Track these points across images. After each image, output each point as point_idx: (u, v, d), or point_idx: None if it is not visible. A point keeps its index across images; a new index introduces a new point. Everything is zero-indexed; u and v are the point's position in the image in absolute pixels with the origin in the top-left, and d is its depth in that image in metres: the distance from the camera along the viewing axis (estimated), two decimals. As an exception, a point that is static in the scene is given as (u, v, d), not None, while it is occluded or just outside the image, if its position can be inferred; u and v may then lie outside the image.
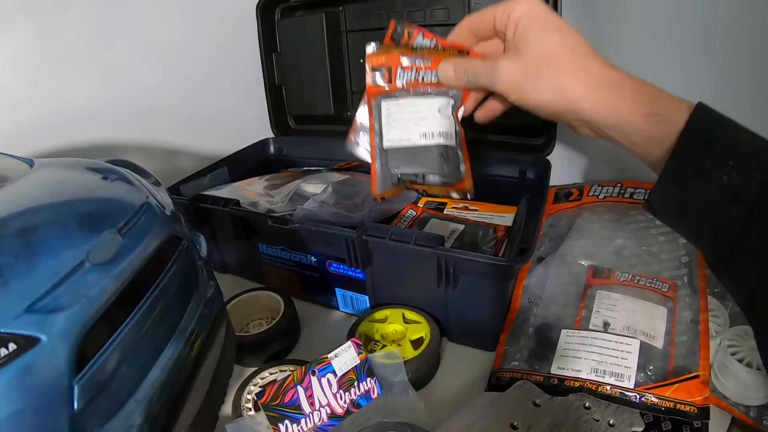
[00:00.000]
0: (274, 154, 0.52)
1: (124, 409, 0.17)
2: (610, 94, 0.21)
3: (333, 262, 0.34)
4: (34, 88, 0.40)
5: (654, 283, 0.30)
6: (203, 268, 0.25)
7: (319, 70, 0.47)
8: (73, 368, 0.15)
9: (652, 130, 0.21)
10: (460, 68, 0.25)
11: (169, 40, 0.46)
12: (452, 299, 0.30)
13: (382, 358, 0.27)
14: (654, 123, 0.21)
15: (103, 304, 0.17)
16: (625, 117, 0.21)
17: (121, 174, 0.23)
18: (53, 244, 0.17)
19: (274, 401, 0.24)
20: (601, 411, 0.25)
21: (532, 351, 0.29)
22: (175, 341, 0.20)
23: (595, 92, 0.22)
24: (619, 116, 0.21)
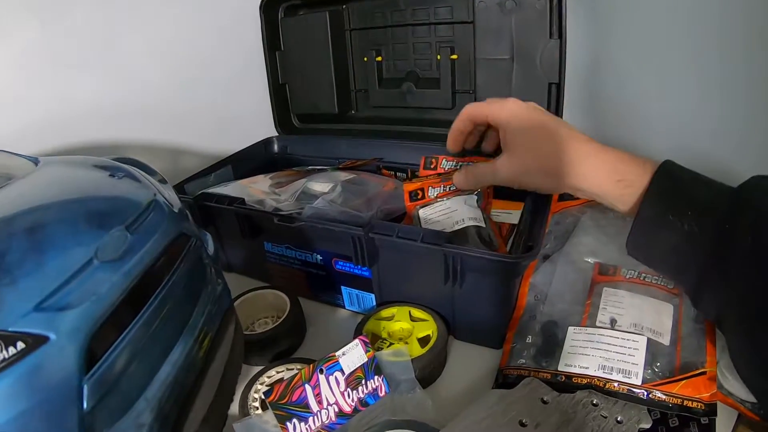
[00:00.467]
0: (278, 152, 0.52)
1: (135, 407, 0.17)
2: (588, 167, 0.27)
3: (339, 260, 0.34)
4: (38, 88, 0.39)
5: (660, 280, 0.30)
6: (211, 266, 0.24)
7: (323, 68, 0.47)
8: (82, 367, 0.15)
9: (621, 193, 0.26)
10: (469, 175, 0.34)
11: (172, 38, 0.46)
12: (459, 297, 0.30)
13: (390, 356, 0.27)
14: (623, 187, 0.26)
15: (112, 302, 0.17)
16: (601, 185, 0.27)
17: (128, 171, 0.23)
18: (61, 241, 0.17)
19: (282, 400, 0.24)
20: (609, 408, 0.25)
21: (538, 348, 0.29)
22: (185, 339, 0.20)
23: (576, 168, 0.27)
24: (595, 185, 0.27)
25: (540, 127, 0.29)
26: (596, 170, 0.27)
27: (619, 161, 0.27)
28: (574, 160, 0.27)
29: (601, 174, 0.27)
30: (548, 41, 0.37)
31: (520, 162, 0.30)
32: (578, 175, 0.27)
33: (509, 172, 0.30)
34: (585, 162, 0.27)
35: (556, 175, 0.28)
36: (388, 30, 0.45)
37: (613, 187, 0.26)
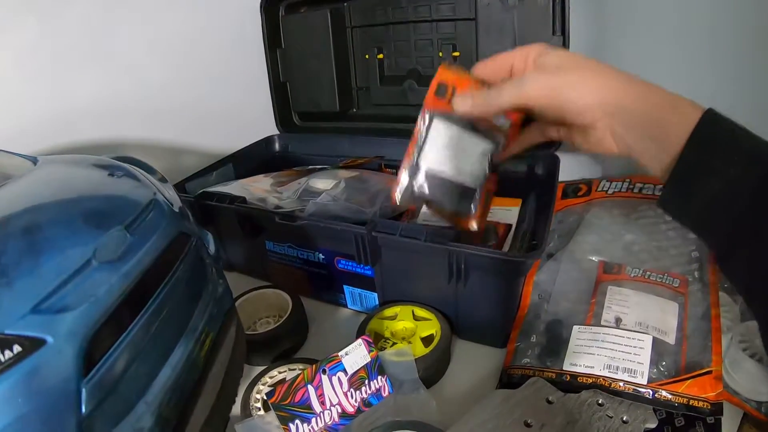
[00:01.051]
0: (279, 150, 0.52)
1: (134, 411, 0.16)
2: (636, 88, 0.22)
3: (341, 259, 0.34)
4: (38, 87, 0.39)
5: (665, 278, 0.30)
6: (212, 266, 0.24)
7: (324, 66, 0.46)
8: (80, 370, 0.15)
9: (673, 122, 0.21)
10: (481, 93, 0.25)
11: (173, 37, 0.45)
12: (463, 296, 0.30)
13: (393, 355, 0.27)
14: (676, 115, 0.21)
15: (111, 303, 0.16)
16: (650, 109, 0.22)
17: (127, 170, 0.23)
18: (59, 242, 0.17)
19: (284, 401, 0.24)
20: (615, 407, 0.25)
21: (543, 347, 0.29)
22: (185, 341, 0.19)
23: (621, 86, 0.22)
24: (644, 108, 0.22)
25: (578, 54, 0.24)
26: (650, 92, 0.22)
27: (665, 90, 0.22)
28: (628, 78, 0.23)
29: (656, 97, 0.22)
30: (551, 38, 0.36)
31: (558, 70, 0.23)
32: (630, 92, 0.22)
33: (543, 79, 0.23)
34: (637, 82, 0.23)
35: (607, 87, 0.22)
36: (390, 27, 0.45)
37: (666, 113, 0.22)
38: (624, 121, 0.22)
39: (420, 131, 0.27)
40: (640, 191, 0.37)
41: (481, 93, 0.25)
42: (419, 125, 0.27)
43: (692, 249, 0.32)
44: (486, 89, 0.25)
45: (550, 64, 0.24)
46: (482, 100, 0.25)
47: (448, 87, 0.26)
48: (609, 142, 0.24)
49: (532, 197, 0.36)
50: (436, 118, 0.27)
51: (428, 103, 0.27)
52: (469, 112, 0.26)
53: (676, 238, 0.33)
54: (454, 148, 0.27)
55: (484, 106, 0.25)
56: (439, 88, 0.27)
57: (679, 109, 0.21)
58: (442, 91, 0.27)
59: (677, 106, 0.21)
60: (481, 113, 0.26)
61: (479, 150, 0.27)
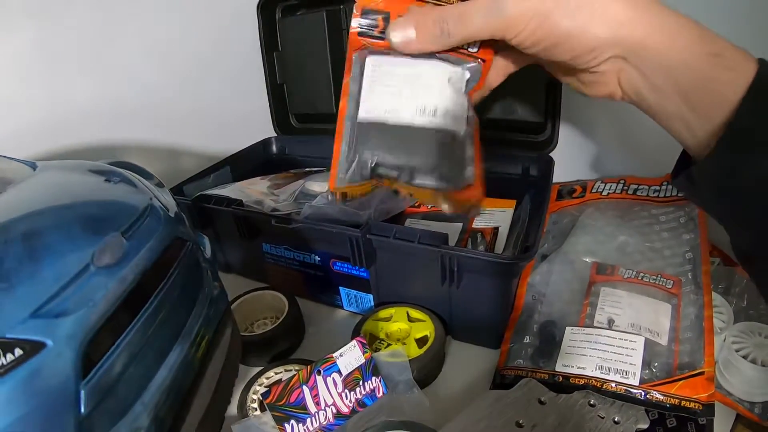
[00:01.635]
0: (276, 153, 0.52)
1: (131, 412, 0.17)
2: (665, 20, 0.15)
3: (337, 261, 0.34)
4: (35, 90, 0.39)
5: (658, 279, 0.30)
6: (208, 269, 0.24)
7: (321, 68, 0.46)
8: (79, 372, 0.15)
9: (715, 77, 0.15)
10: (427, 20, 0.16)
11: (169, 40, 0.45)
12: (456, 297, 0.30)
13: (387, 356, 0.27)
14: (721, 67, 0.15)
15: (108, 307, 0.17)
16: (684, 53, 0.15)
17: (124, 176, 0.23)
18: (58, 247, 0.17)
19: (279, 401, 0.24)
20: (606, 408, 0.25)
21: (536, 348, 0.29)
22: (181, 343, 0.20)
23: (645, 14, 0.15)
24: (676, 51, 0.15)
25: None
26: (678, 27, 0.15)
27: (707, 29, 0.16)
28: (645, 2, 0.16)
29: (686, 35, 0.15)
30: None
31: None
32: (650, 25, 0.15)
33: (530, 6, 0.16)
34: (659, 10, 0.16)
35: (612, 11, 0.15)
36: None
37: (705, 63, 0.15)
38: (645, 67, 0.16)
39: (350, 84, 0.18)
40: (635, 192, 0.37)
41: (430, 19, 0.17)
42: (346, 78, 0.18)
43: (686, 250, 0.32)
44: (438, 13, 0.17)
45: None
46: (433, 30, 0.17)
47: (379, 18, 0.17)
48: (612, 88, 0.17)
49: (526, 198, 0.36)
50: (370, 56, 0.18)
51: (353, 44, 0.18)
52: (416, 48, 0.17)
53: (669, 238, 0.33)
54: (409, 81, 0.17)
55: (440, 38, 0.17)
56: (366, 20, 0.18)
57: (723, 59, 0.15)
58: (371, 26, 0.17)
59: (721, 54, 0.15)
60: (437, 48, 0.17)
61: (444, 76, 0.17)
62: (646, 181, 0.37)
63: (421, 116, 0.18)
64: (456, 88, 0.18)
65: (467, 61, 0.18)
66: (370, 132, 0.18)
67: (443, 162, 0.18)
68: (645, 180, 0.38)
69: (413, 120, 0.18)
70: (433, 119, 0.18)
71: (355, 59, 0.19)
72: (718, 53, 0.15)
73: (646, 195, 0.36)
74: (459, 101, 0.18)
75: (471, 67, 0.18)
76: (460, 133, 0.18)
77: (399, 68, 0.18)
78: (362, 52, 0.19)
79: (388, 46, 0.18)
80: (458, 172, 0.18)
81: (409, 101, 0.18)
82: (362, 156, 0.18)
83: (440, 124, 0.18)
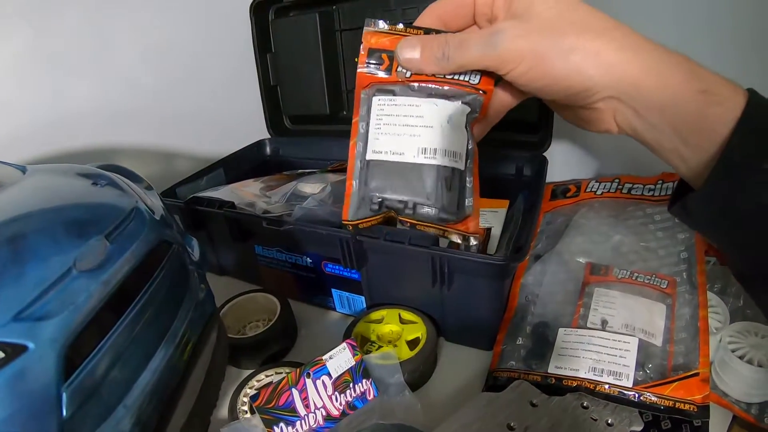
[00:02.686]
0: (270, 154, 0.52)
1: (114, 414, 0.17)
2: (657, 60, 0.16)
3: (328, 263, 0.34)
4: (29, 92, 0.40)
5: (653, 279, 0.30)
6: (195, 272, 0.24)
7: (314, 69, 0.46)
8: (61, 375, 0.15)
9: (706, 113, 0.16)
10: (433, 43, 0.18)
11: (163, 41, 0.46)
12: (448, 299, 0.30)
13: (378, 359, 0.27)
14: (710, 103, 0.16)
15: (90, 310, 0.17)
16: (675, 92, 0.16)
17: (110, 179, 0.23)
18: (41, 251, 0.17)
19: (268, 404, 0.24)
20: (600, 410, 0.25)
21: (529, 350, 0.29)
22: (166, 346, 0.20)
23: (637, 56, 0.16)
24: (668, 91, 0.16)
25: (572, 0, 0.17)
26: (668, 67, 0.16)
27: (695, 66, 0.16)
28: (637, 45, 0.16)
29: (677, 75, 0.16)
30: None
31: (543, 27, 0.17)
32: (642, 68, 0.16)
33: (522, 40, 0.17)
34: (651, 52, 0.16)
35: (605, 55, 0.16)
36: (380, 30, 0.45)
37: (695, 100, 0.16)
38: (639, 106, 0.17)
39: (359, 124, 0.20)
40: (629, 191, 0.37)
41: (435, 42, 0.18)
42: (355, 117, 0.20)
43: (681, 249, 0.31)
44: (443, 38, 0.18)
45: (535, 13, 0.17)
46: (436, 52, 0.18)
47: (384, 55, 0.19)
48: (609, 125, 0.18)
49: (520, 198, 0.36)
50: (377, 96, 0.20)
51: (360, 82, 0.20)
52: (418, 67, 0.18)
53: (664, 238, 0.32)
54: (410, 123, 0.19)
55: (440, 61, 0.18)
56: (372, 58, 0.19)
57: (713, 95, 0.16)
58: (376, 63, 0.19)
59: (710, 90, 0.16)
60: (436, 70, 0.18)
61: (444, 115, 0.19)
62: (640, 180, 0.37)
63: (422, 156, 0.19)
64: (456, 125, 0.19)
65: (468, 93, 0.20)
66: (376, 171, 0.20)
67: (443, 197, 0.20)
68: (639, 179, 0.37)
69: (415, 160, 0.19)
70: (433, 159, 0.19)
71: (363, 99, 0.21)
72: (708, 89, 0.16)
73: (641, 194, 0.36)
74: (459, 138, 0.20)
75: (471, 100, 0.20)
76: (460, 168, 0.20)
77: (402, 108, 0.20)
78: (369, 91, 0.20)
79: (394, 82, 0.20)
80: (458, 206, 0.20)
81: (411, 142, 0.19)
82: (370, 193, 0.20)
83: (440, 162, 0.19)
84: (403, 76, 0.20)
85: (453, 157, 0.19)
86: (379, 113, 0.20)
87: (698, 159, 0.17)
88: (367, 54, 0.20)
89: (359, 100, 0.21)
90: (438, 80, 0.20)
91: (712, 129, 0.16)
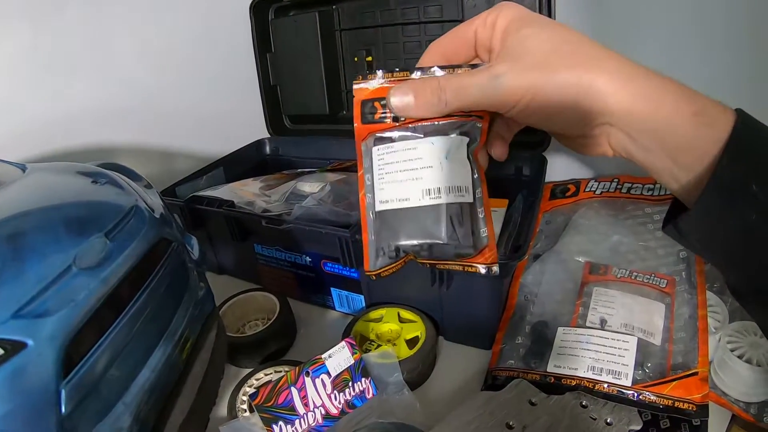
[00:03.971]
0: (269, 154, 0.52)
1: (113, 412, 0.17)
2: (648, 87, 0.17)
3: (328, 262, 0.34)
4: (29, 93, 0.40)
5: (652, 279, 0.30)
6: (194, 270, 0.25)
7: (314, 69, 0.47)
8: (60, 372, 0.15)
9: (698, 135, 0.16)
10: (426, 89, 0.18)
11: (162, 42, 0.46)
12: (447, 298, 0.30)
13: (377, 357, 0.27)
14: (702, 125, 0.16)
15: (90, 308, 0.17)
16: (668, 116, 0.17)
17: (110, 178, 0.24)
18: (41, 248, 0.17)
19: (267, 402, 0.24)
20: (598, 409, 0.25)
21: (528, 349, 0.29)
22: (165, 344, 0.20)
23: (629, 84, 0.17)
24: (660, 115, 0.17)
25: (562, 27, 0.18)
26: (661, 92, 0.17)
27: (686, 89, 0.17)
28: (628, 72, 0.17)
29: (670, 99, 0.17)
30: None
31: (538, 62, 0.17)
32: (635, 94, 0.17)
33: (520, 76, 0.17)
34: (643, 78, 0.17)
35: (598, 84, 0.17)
36: (378, 30, 0.45)
37: (688, 123, 0.16)
38: (632, 131, 0.17)
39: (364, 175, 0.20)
40: (629, 191, 0.37)
41: (429, 88, 0.18)
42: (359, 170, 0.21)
43: (680, 249, 0.31)
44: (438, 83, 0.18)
45: (530, 49, 0.18)
46: (431, 98, 0.18)
47: (375, 103, 0.19)
48: (604, 148, 0.19)
49: (519, 198, 0.36)
50: (376, 146, 0.20)
51: (359, 135, 0.20)
52: (413, 111, 0.19)
53: (663, 238, 0.32)
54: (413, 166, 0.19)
55: (437, 105, 0.18)
56: (365, 110, 0.20)
57: (703, 117, 0.16)
58: (370, 113, 0.20)
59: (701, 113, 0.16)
60: (433, 115, 0.19)
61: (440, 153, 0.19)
62: (639, 180, 0.37)
63: (428, 198, 0.20)
64: (456, 159, 0.20)
65: (464, 122, 0.20)
66: (387, 220, 0.20)
67: (455, 233, 0.20)
68: (639, 179, 0.37)
69: (421, 203, 0.20)
70: (438, 198, 0.19)
71: (364, 151, 0.21)
72: (699, 112, 0.17)
73: (640, 194, 0.36)
74: (461, 171, 0.20)
75: (469, 128, 0.20)
76: (468, 201, 0.20)
77: (401, 154, 0.20)
78: (368, 142, 0.21)
79: (390, 127, 0.20)
80: (472, 238, 0.20)
81: (415, 186, 0.20)
82: (385, 242, 0.21)
83: (446, 200, 0.19)
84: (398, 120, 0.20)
85: (458, 192, 0.20)
86: (380, 163, 0.20)
87: (690, 179, 0.17)
88: (360, 106, 0.20)
89: (361, 153, 0.21)
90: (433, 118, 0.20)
91: (704, 150, 0.17)
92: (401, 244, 0.20)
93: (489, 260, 0.20)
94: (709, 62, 0.32)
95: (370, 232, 0.21)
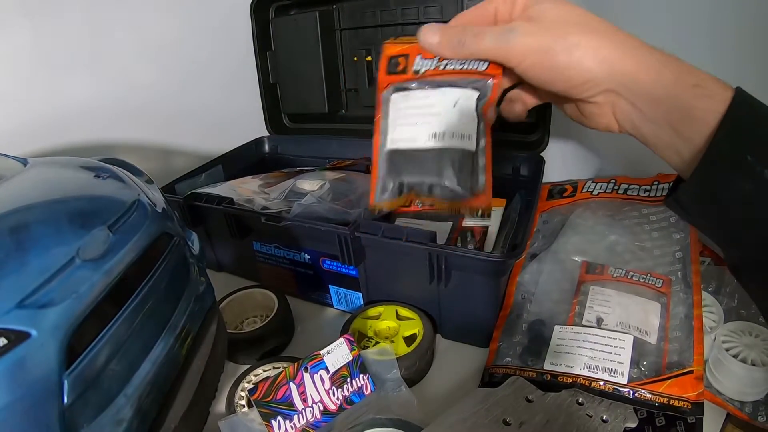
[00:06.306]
0: (268, 152, 0.53)
1: (114, 403, 0.17)
2: (652, 58, 0.18)
3: (326, 260, 0.34)
4: (30, 89, 0.40)
5: (648, 278, 0.30)
6: (195, 265, 0.25)
7: (314, 68, 0.47)
8: (63, 363, 0.15)
9: (697, 105, 0.17)
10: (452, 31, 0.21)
11: (163, 39, 0.46)
12: (445, 296, 0.30)
13: (375, 354, 0.28)
14: (701, 96, 0.17)
15: (92, 299, 0.17)
16: (668, 85, 0.18)
17: (113, 172, 0.24)
18: (44, 240, 0.17)
19: (266, 398, 0.24)
20: (594, 407, 0.25)
21: (525, 347, 0.29)
22: (166, 337, 0.20)
23: (635, 54, 0.18)
24: (662, 84, 0.18)
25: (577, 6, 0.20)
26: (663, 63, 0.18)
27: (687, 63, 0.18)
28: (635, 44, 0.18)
29: (672, 70, 0.18)
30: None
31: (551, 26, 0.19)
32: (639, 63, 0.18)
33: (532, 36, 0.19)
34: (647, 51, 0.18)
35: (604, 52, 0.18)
36: (378, 29, 0.45)
37: (688, 94, 0.17)
38: (636, 99, 0.18)
39: (380, 120, 0.22)
40: (625, 192, 0.37)
41: (454, 31, 0.21)
42: (377, 115, 0.23)
43: (676, 249, 0.32)
44: (462, 28, 0.21)
45: (546, 17, 0.19)
46: (454, 38, 0.20)
47: (401, 59, 0.22)
48: (609, 120, 0.20)
49: (516, 198, 0.36)
50: (393, 93, 0.22)
51: (381, 83, 0.23)
52: (436, 48, 0.21)
53: (659, 238, 0.33)
54: (425, 111, 0.21)
55: (456, 46, 0.21)
56: (390, 64, 0.22)
57: (703, 89, 0.17)
58: (394, 66, 0.22)
59: (701, 85, 0.17)
60: (451, 54, 0.21)
61: (450, 101, 0.21)
62: (636, 181, 0.37)
63: (433, 141, 0.22)
64: (463, 109, 0.21)
65: (477, 79, 0.22)
66: (395, 159, 0.22)
67: (454, 176, 0.21)
68: (635, 180, 0.38)
69: (426, 145, 0.22)
70: (443, 142, 0.21)
71: (384, 99, 0.23)
72: (699, 84, 0.18)
73: (637, 194, 0.36)
74: (467, 121, 0.22)
75: (480, 84, 0.21)
76: (469, 148, 0.21)
77: (416, 101, 0.22)
78: (388, 91, 0.23)
79: (410, 78, 0.22)
80: (469, 183, 0.22)
81: (423, 129, 0.22)
82: (392, 178, 0.23)
83: (449, 145, 0.21)
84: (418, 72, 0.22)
85: (462, 139, 0.21)
86: (396, 107, 0.23)
87: (690, 151, 0.18)
88: (387, 60, 0.23)
89: (380, 102, 0.23)
90: (448, 72, 0.22)
91: (703, 120, 0.17)
92: (406, 181, 0.22)
93: (483, 205, 0.22)
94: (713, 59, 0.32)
95: (379, 169, 0.23)
